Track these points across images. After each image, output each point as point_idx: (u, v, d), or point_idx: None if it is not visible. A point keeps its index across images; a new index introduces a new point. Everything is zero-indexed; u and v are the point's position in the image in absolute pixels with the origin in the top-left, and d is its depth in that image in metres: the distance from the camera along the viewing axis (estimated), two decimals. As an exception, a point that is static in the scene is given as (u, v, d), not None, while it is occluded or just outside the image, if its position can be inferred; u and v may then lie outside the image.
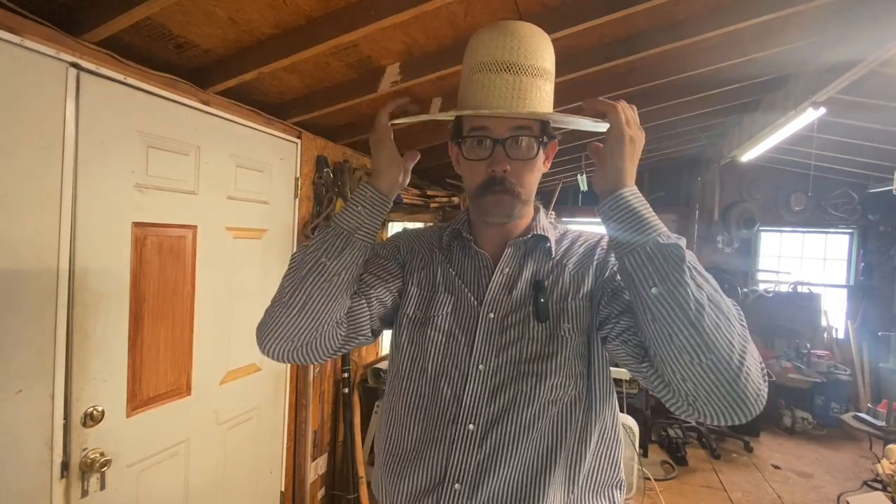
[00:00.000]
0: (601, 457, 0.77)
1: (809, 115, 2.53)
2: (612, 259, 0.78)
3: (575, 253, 0.82)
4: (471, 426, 0.72)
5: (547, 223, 0.85)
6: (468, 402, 0.73)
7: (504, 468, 0.70)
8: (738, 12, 1.58)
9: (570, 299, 0.76)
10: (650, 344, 0.63)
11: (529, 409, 0.72)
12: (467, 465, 0.71)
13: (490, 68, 0.71)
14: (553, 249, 0.81)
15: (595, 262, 0.80)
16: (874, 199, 4.70)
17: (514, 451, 0.71)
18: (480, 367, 0.74)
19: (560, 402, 0.73)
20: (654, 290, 0.60)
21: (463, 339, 0.76)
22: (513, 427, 0.71)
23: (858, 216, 4.89)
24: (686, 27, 1.66)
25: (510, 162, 0.74)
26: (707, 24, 1.63)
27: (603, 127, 0.76)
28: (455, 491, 0.70)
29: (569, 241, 0.85)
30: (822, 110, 2.46)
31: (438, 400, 0.75)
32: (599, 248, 0.82)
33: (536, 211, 0.86)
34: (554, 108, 0.78)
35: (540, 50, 0.73)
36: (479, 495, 0.70)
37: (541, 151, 0.76)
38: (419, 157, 0.82)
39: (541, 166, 0.79)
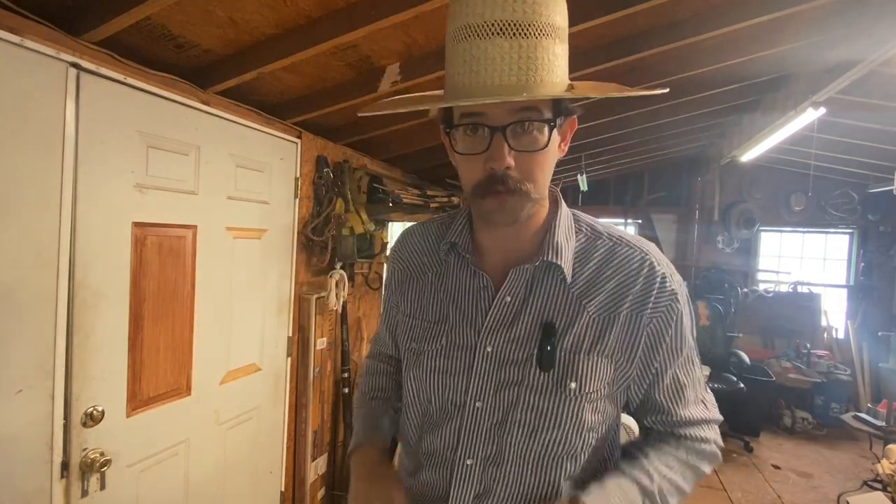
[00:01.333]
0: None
1: (809, 115, 2.53)
2: (665, 338, 0.67)
3: (601, 287, 0.66)
4: (469, 461, 0.68)
5: (565, 228, 0.69)
6: (465, 440, 0.68)
7: (499, 501, 0.68)
8: (738, 12, 1.58)
9: (584, 352, 0.65)
10: None
11: (521, 459, 0.67)
12: (467, 496, 0.68)
13: (479, 33, 0.53)
14: (568, 273, 0.66)
15: (627, 310, 0.65)
16: (874, 199, 4.70)
17: (506, 490, 0.68)
18: (478, 404, 0.68)
19: (563, 457, 0.67)
20: None
21: (460, 375, 0.69)
22: (506, 472, 0.68)
23: (858, 216, 4.89)
24: (686, 27, 1.66)
25: (514, 155, 0.58)
26: (707, 24, 1.63)
27: (657, 90, 0.61)
28: None
29: (598, 258, 0.68)
30: (822, 110, 2.46)
31: (441, 432, 0.71)
32: (650, 304, 0.65)
33: (556, 205, 0.71)
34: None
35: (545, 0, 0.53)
36: None
37: (554, 135, 0.60)
38: None
39: (555, 153, 0.64)
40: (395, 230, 3.27)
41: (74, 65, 1.19)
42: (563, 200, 0.73)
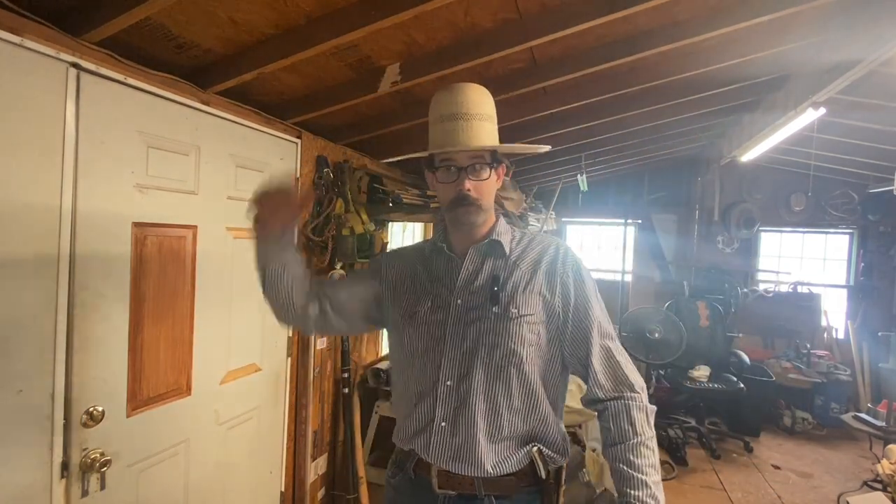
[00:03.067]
0: (556, 401, 1.04)
1: (809, 115, 2.53)
2: (571, 283, 1.02)
3: (528, 255, 1.06)
4: (448, 382, 1.00)
5: (504, 227, 1.09)
6: (445, 366, 1.00)
7: (471, 410, 0.97)
8: (738, 12, 1.58)
9: (519, 292, 1.01)
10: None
11: (484, 371, 0.98)
12: (448, 409, 0.99)
13: (449, 118, 0.97)
14: (507, 249, 1.05)
15: (545, 267, 1.03)
16: (874, 199, 4.70)
17: (476, 399, 0.98)
18: (454, 338, 1.01)
19: (511, 365, 0.98)
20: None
21: (440, 322, 1.02)
22: (475, 382, 0.98)
23: (858, 216, 4.89)
24: (686, 27, 1.66)
25: (471, 183, 0.98)
26: (707, 25, 1.63)
27: (540, 149, 1.06)
28: (442, 427, 0.99)
29: (525, 242, 1.09)
30: (822, 110, 2.46)
31: (428, 368, 1.02)
32: (559, 264, 1.03)
33: (497, 218, 1.09)
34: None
35: (482, 102, 0.99)
36: (457, 428, 0.98)
37: (493, 173, 1.01)
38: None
39: (494, 183, 1.04)
40: (395, 230, 3.27)
41: (74, 65, 1.19)
42: (502, 216, 1.11)
